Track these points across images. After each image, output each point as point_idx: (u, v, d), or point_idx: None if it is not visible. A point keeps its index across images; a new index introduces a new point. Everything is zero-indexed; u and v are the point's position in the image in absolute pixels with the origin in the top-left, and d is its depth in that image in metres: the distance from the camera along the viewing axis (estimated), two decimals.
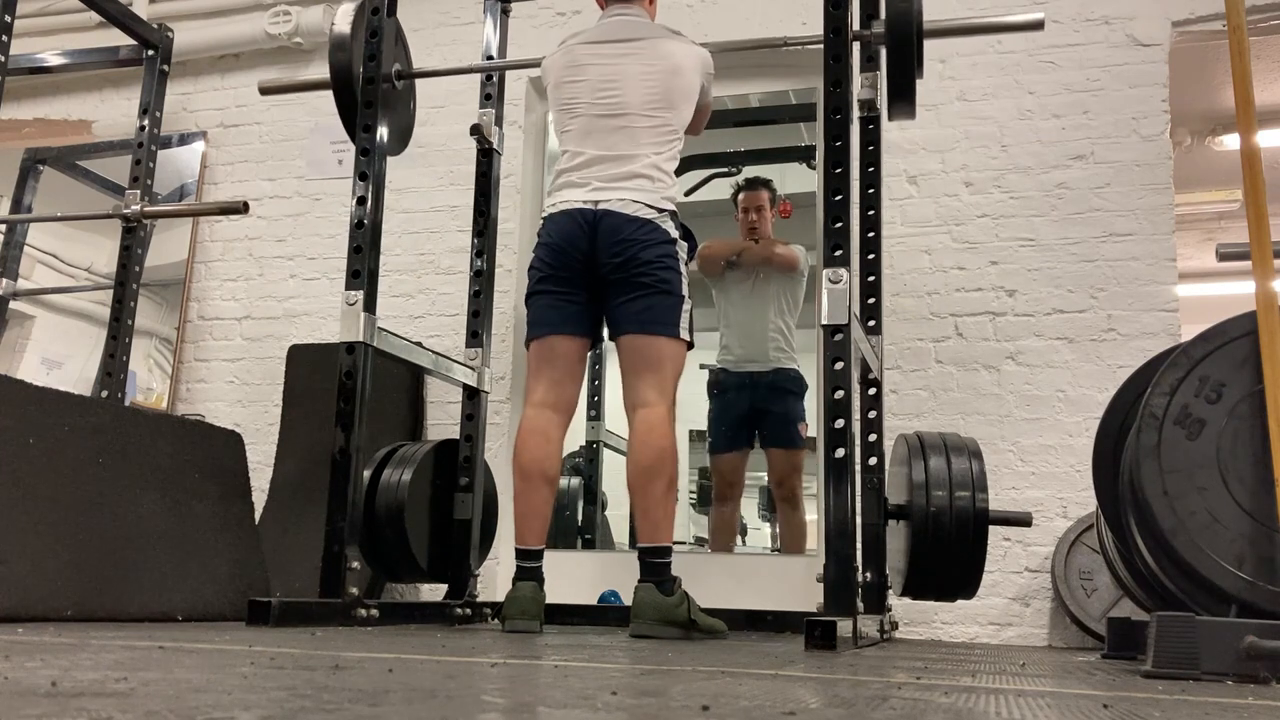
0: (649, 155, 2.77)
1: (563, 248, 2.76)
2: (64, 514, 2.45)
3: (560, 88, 2.90)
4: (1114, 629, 2.51)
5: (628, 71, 2.82)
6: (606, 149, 2.78)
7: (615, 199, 2.73)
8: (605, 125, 2.80)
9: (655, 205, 2.74)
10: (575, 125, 2.85)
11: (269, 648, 1.66)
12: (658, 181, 2.77)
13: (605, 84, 2.82)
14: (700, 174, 4.81)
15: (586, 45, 2.91)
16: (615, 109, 2.80)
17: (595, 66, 2.85)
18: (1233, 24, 2.13)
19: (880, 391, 2.95)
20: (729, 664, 1.69)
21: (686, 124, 2.87)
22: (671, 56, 2.83)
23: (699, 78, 2.86)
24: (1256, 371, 1.94)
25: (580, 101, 2.84)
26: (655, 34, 2.89)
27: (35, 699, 0.87)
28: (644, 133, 2.78)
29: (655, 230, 2.72)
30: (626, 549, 4.27)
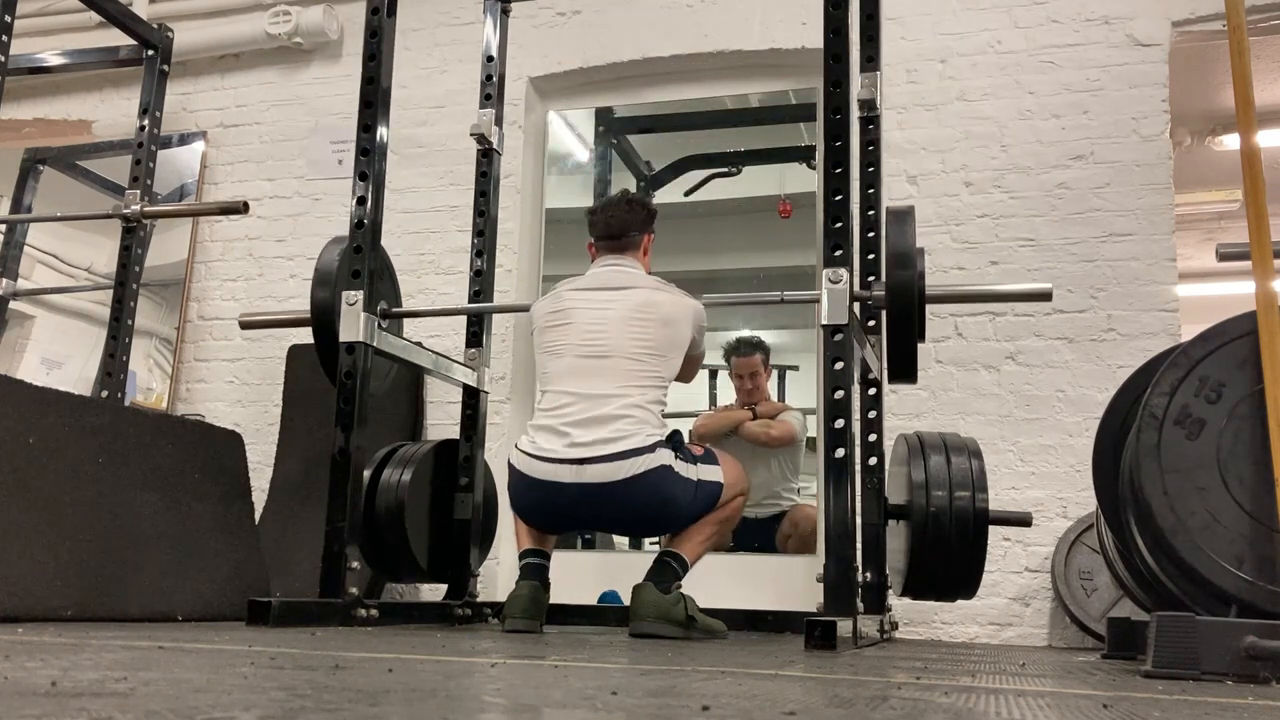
0: (632, 396, 2.65)
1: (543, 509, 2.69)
2: (64, 514, 2.45)
3: (545, 332, 2.81)
4: (1114, 629, 2.51)
5: (615, 317, 2.74)
6: (589, 389, 2.67)
7: (599, 452, 2.58)
8: (590, 367, 2.70)
9: (639, 448, 2.58)
10: (558, 367, 2.75)
11: (269, 648, 1.66)
12: (641, 422, 2.62)
13: (593, 327, 2.75)
14: (700, 174, 4.81)
15: (576, 292, 2.84)
16: (600, 351, 2.71)
17: (584, 311, 2.78)
18: (1233, 24, 2.13)
19: (880, 391, 2.95)
20: (729, 664, 1.69)
21: (675, 374, 2.78)
22: (663, 306, 2.76)
23: (690, 329, 2.78)
24: (1256, 371, 1.94)
25: (566, 344, 2.75)
26: (648, 284, 2.82)
27: (35, 699, 0.87)
28: (629, 375, 2.68)
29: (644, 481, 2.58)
30: (626, 549, 4.27)
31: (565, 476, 2.59)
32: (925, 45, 3.84)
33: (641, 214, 2.93)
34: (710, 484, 2.70)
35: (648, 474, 2.57)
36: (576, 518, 2.73)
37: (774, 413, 4.20)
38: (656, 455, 2.59)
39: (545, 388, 2.78)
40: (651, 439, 2.61)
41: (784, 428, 4.16)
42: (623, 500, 2.59)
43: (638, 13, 4.16)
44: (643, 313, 2.74)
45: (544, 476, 2.62)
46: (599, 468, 2.57)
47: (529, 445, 2.67)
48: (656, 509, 2.64)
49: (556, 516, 2.70)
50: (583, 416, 2.63)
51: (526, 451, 2.67)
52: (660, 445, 2.61)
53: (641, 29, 4.14)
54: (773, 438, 4.15)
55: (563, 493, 2.60)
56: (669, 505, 2.64)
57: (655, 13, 4.14)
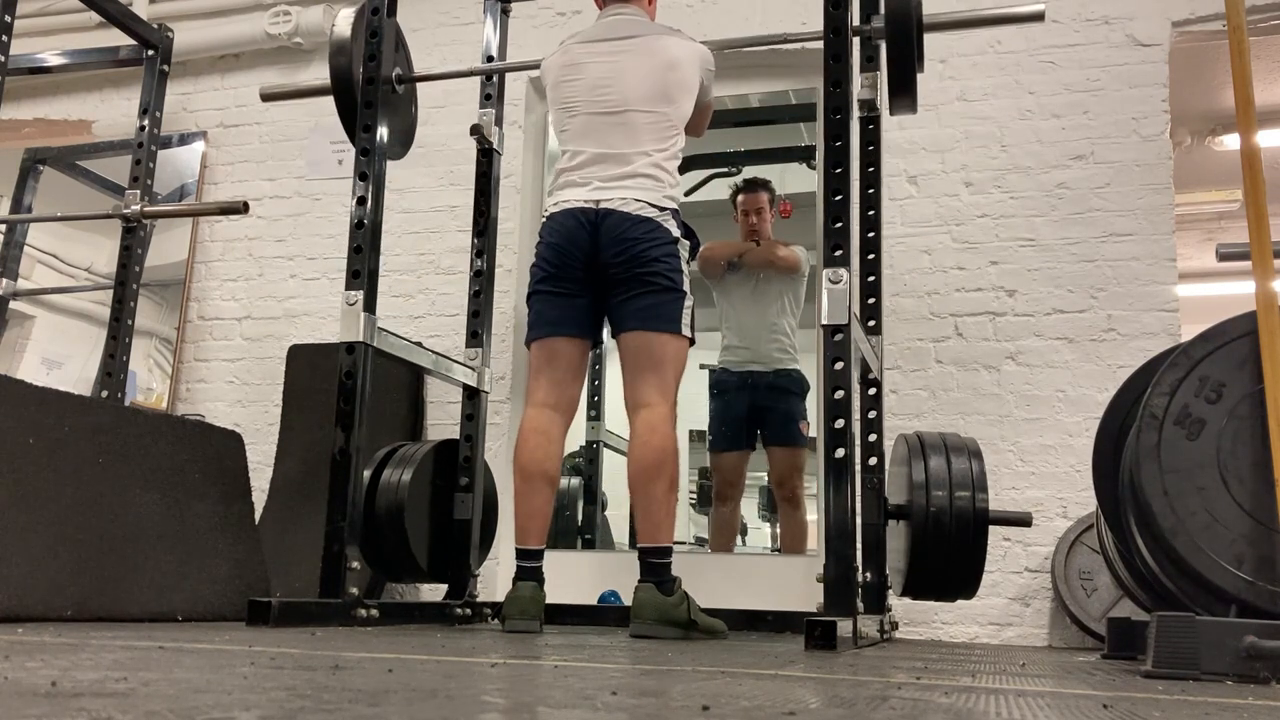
0: (650, 153, 2.77)
1: (564, 247, 2.76)
2: (64, 514, 2.45)
3: (558, 87, 2.90)
4: (1114, 629, 2.51)
5: (625, 68, 2.82)
6: (606, 147, 2.78)
7: (617, 198, 2.72)
8: (604, 123, 2.80)
9: (657, 204, 2.73)
10: (574, 124, 2.84)
11: (269, 648, 1.66)
12: (659, 180, 2.76)
13: (603, 82, 2.82)
14: (700, 174, 4.81)
15: (584, 45, 2.91)
16: (614, 106, 2.80)
17: (593, 65, 2.85)
18: (1233, 24, 2.13)
19: (880, 391, 2.95)
20: (729, 664, 1.69)
21: (686, 119, 2.85)
22: (669, 50, 2.83)
23: (698, 72, 2.85)
24: (1256, 371, 1.94)
25: (579, 100, 2.84)
26: (653, 31, 2.89)
27: (35, 699, 0.87)
28: (643, 129, 2.78)
29: (657, 229, 2.72)
30: (626, 549, 4.27)
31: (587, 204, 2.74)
32: (925, 45, 3.83)
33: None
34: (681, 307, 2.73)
35: (656, 226, 2.71)
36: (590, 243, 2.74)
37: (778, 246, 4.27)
38: (668, 224, 2.73)
39: (564, 145, 2.88)
40: (668, 202, 2.75)
41: (790, 252, 4.20)
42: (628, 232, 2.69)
43: None
44: (650, 60, 2.81)
45: (569, 207, 2.76)
46: (617, 201, 2.72)
47: (552, 204, 2.83)
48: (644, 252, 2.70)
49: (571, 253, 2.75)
50: (605, 173, 2.76)
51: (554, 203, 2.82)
52: (675, 216, 2.75)
53: None
54: (778, 257, 4.20)
55: (582, 216, 2.73)
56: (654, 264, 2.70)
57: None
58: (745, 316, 4.24)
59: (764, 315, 4.18)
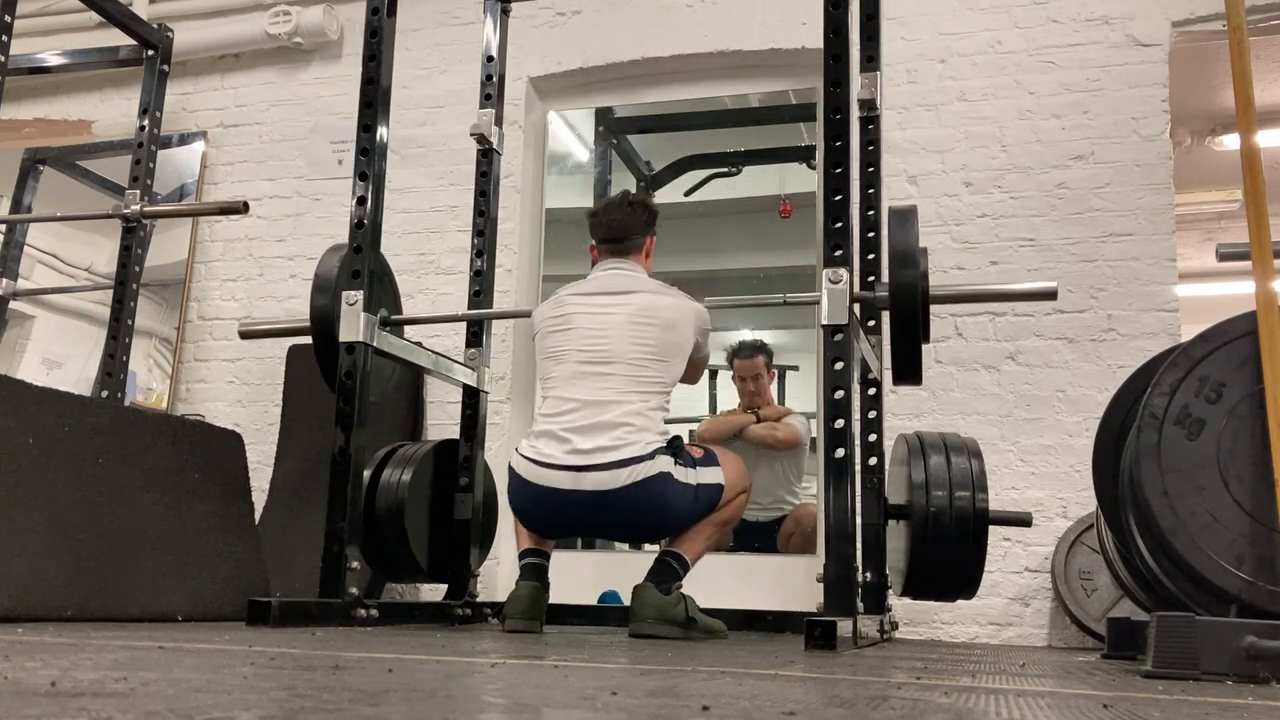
0: (633, 403, 2.65)
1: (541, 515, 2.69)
2: (64, 514, 2.45)
3: (547, 337, 2.81)
4: (1114, 629, 2.51)
5: (617, 322, 2.74)
6: (590, 395, 2.66)
7: (599, 460, 2.58)
8: (591, 372, 2.70)
9: (638, 456, 2.58)
10: (560, 372, 2.74)
11: (269, 648, 1.66)
12: (641, 430, 2.62)
13: (594, 333, 2.74)
14: (700, 174, 4.81)
15: (578, 296, 2.83)
16: (602, 357, 2.70)
17: (585, 315, 2.77)
18: (1233, 24, 2.13)
19: (880, 391, 2.95)
20: (729, 664, 1.69)
21: (678, 379, 2.78)
22: (665, 311, 2.75)
23: (693, 334, 2.78)
24: (1256, 371, 1.94)
25: (568, 349, 2.75)
26: (649, 288, 2.82)
27: (35, 699, 0.87)
28: (631, 382, 2.67)
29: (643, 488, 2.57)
30: (626, 549, 4.27)
31: (564, 483, 2.59)
32: (925, 45, 3.85)
33: (643, 216, 2.92)
34: (710, 486, 2.70)
35: (646, 481, 2.57)
36: (575, 524, 2.73)
37: (778, 416, 4.19)
38: (656, 462, 2.58)
39: (547, 393, 2.77)
40: (651, 446, 2.60)
41: (789, 431, 4.15)
42: (621, 507, 2.58)
43: (638, 13, 4.16)
44: (645, 317, 2.73)
45: (543, 483, 2.62)
46: (598, 475, 2.57)
47: (529, 450, 2.67)
48: (655, 516, 2.64)
49: (555, 522, 2.70)
50: (584, 423, 2.62)
51: (527, 456, 2.66)
52: (660, 452, 2.61)
53: (642, 29, 4.14)
54: (779, 440, 4.14)
55: (562, 499, 2.60)
56: (667, 512, 2.64)
57: (655, 13, 4.14)
58: None
59: (768, 478, 4.10)
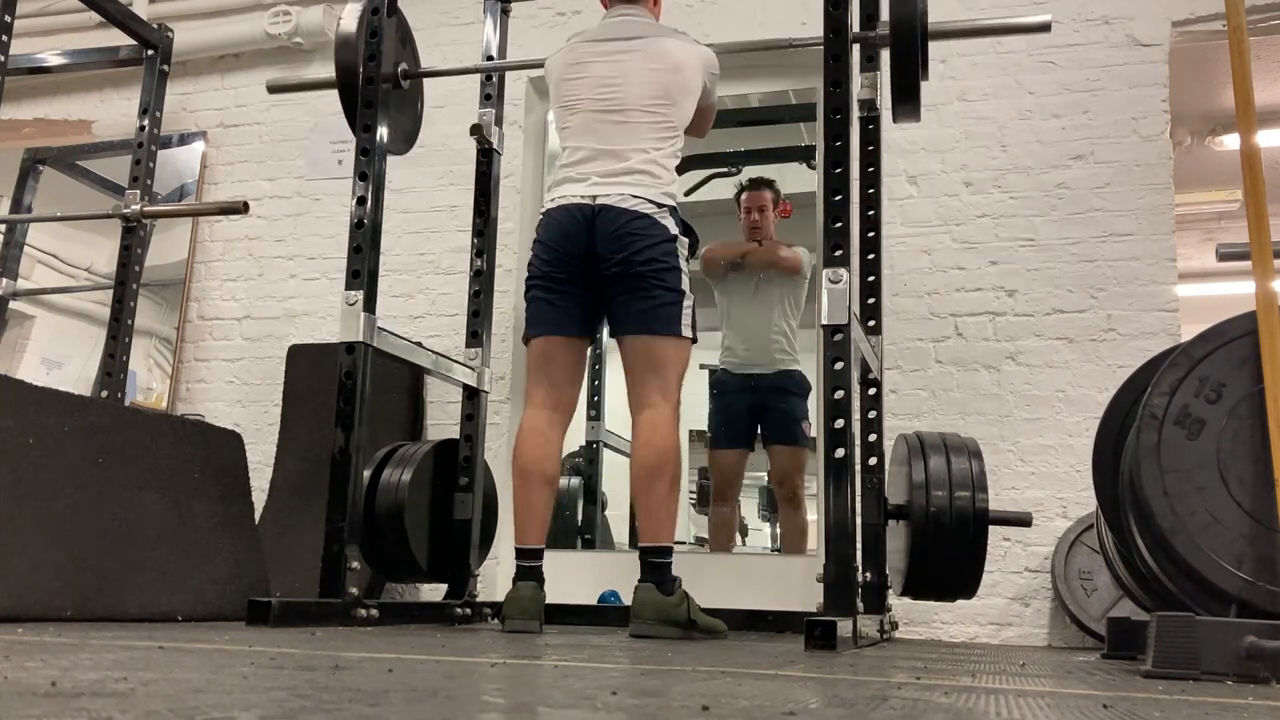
0: (648, 150, 2.76)
1: (560, 244, 2.75)
2: (64, 514, 2.45)
3: (561, 85, 2.90)
4: (1114, 629, 2.51)
5: (629, 68, 2.82)
6: (605, 144, 2.78)
7: (614, 194, 2.72)
8: (605, 121, 2.80)
9: (654, 200, 2.72)
10: (575, 121, 2.85)
11: (269, 648, 1.66)
12: (657, 177, 2.75)
13: (606, 81, 2.83)
14: (700, 174, 4.81)
15: (589, 44, 2.91)
16: (615, 105, 2.80)
17: (597, 64, 2.86)
18: (1233, 24, 2.13)
19: (880, 391, 2.95)
20: (729, 664, 1.69)
21: (688, 121, 2.86)
22: (673, 54, 2.83)
23: (701, 75, 2.85)
24: (1256, 371, 1.94)
25: (581, 98, 2.85)
26: (658, 33, 2.90)
27: (35, 699, 0.87)
28: (643, 128, 2.78)
29: (654, 226, 2.71)
30: (626, 549, 4.28)
31: (582, 199, 2.73)
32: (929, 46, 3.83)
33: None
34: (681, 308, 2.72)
35: (653, 222, 2.69)
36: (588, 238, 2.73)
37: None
38: (665, 221, 2.71)
39: (565, 142, 2.88)
40: (667, 199, 2.74)
41: (792, 253, 4.20)
42: (625, 228, 2.68)
43: None
44: (654, 61, 2.82)
45: (565, 203, 2.76)
46: (615, 197, 2.71)
47: (553, 195, 2.82)
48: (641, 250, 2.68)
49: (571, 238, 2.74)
50: (603, 169, 2.76)
51: (552, 199, 2.81)
52: (672, 213, 2.74)
53: None
54: (781, 258, 4.20)
55: (579, 211, 2.72)
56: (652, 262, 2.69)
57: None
58: (746, 317, 4.23)
59: (765, 316, 4.18)
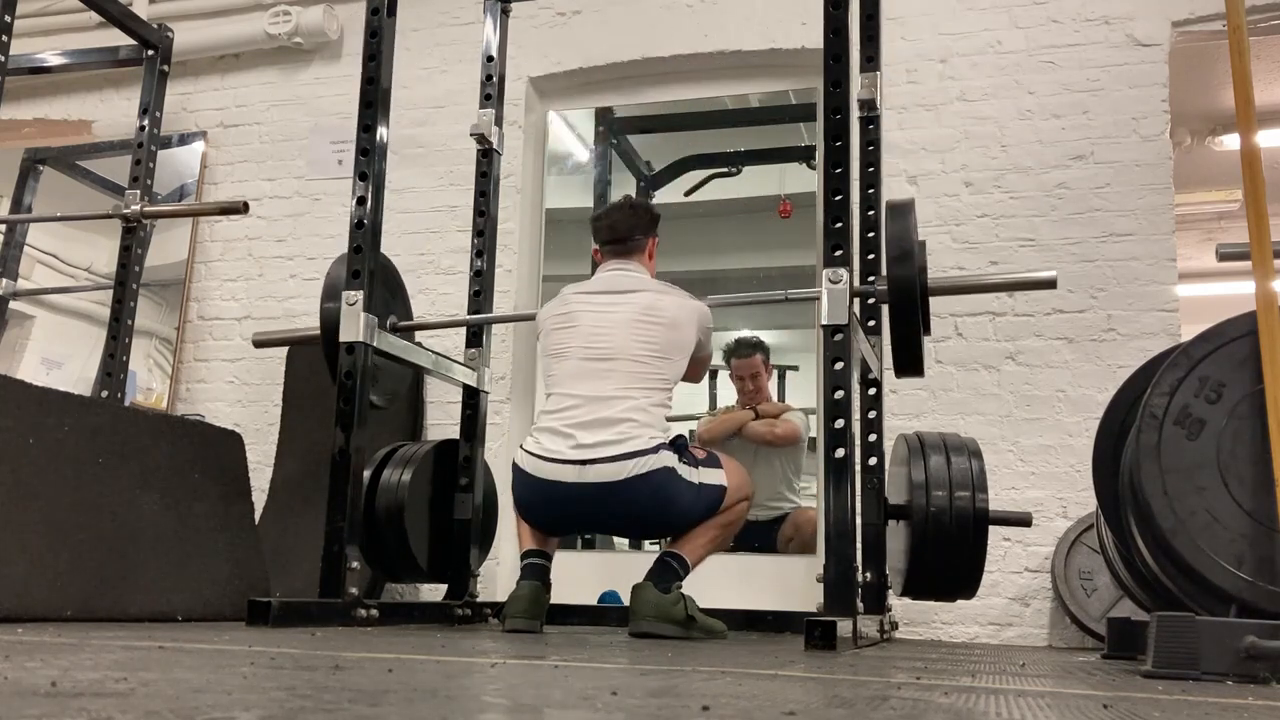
0: (636, 398, 2.67)
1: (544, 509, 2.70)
2: (64, 514, 2.45)
3: (551, 334, 2.84)
4: (1114, 629, 2.51)
5: (620, 319, 2.76)
6: (592, 391, 2.69)
7: (602, 454, 2.59)
8: (594, 369, 2.72)
9: (643, 449, 2.60)
10: (562, 369, 2.77)
11: (269, 648, 1.66)
12: (645, 425, 2.64)
13: (597, 330, 2.77)
14: (700, 174, 4.81)
15: (581, 295, 2.87)
16: (605, 354, 2.73)
17: (588, 314, 2.80)
18: (1233, 24, 2.13)
19: (880, 391, 2.95)
20: (729, 664, 1.69)
21: (680, 376, 2.80)
22: (668, 310, 2.78)
23: (695, 331, 2.80)
24: (1256, 371, 1.94)
25: (571, 347, 2.78)
26: (653, 288, 2.85)
27: (35, 699, 0.87)
28: (633, 378, 2.70)
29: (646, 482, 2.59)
30: (627, 549, 4.27)
31: (568, 476, 2.61)
32: (925, 45, 3.85)
33: (645, 218, 2.97)
34: (712, 487, 2.70)
35: (650, 474, 2.58)
36: (579, 518, 2.74)
37: (776, 413, 4.19)
38: (659, 457, 2.60)
39: (550, 390, 2.80)
40: (654, 441, 2.62)
41: (788, 427, 4.16)
42: (624, 501, 2.59)
43: (638, 13, 4.16)
44: (647, 316, 2.76)
45: (547, 476, 2.64)
46: (601, 468, 2.59)
47: (533, 446, 2.69)
48: (658, 510, 2.64)
49: (559, 517, 2.71)
50: (587, 419, 2.64)
51: (531, 452, 2.69)
52: (664, 447, 2.62)
53: (641, 29, 4.14)
54: (777, 436, 4.14)
55: (565, 493, 2.62)
56: (670, 507, 2.64)
57: (655, 13, 4.14)
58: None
59: (767, 478, 4.09)
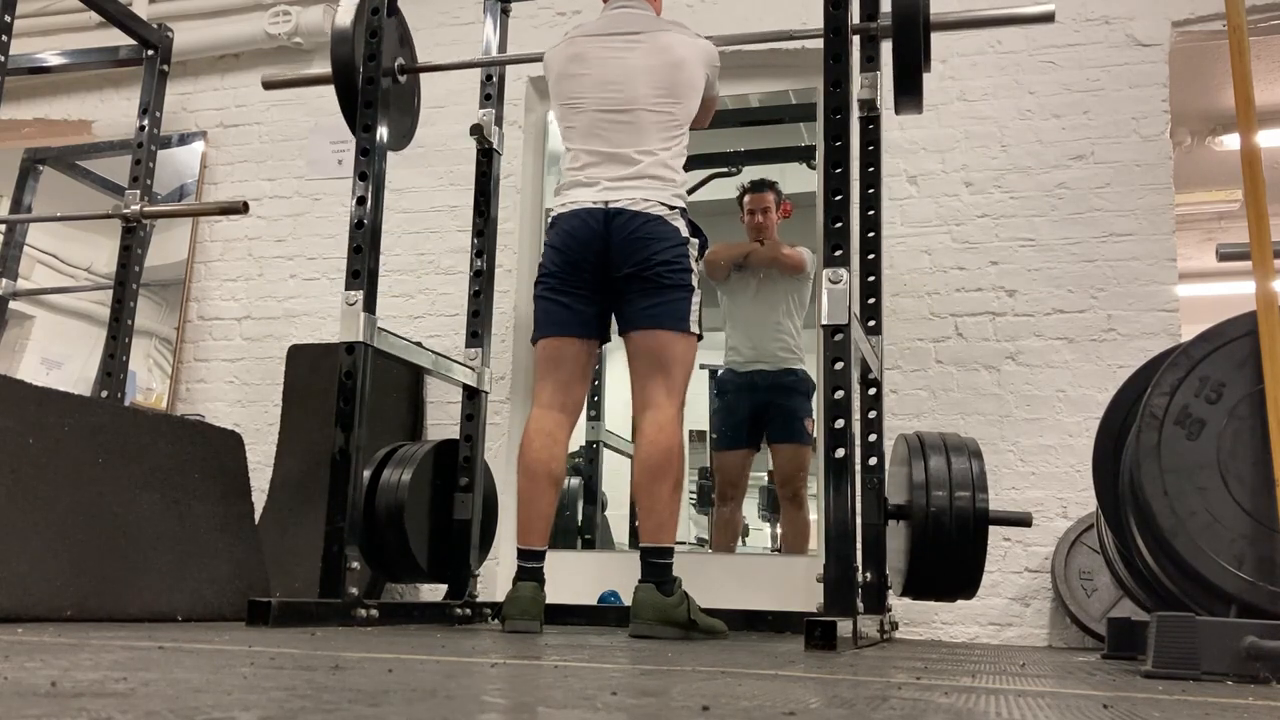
0: (656, 152, 2.76)
1: (573, 248, 2.75)
2: (64, 514, 2.45)
3: (562, 81, 2.88)
4: (1114, 629, 2.51)
5: (632, 65, 2.81)
6: (613, 146, 2.78)
7: (626, 198, 2.72)
8: (611, 121, 2.79)
9: (666, 203, 2.74)
10: (580, 122, 2.83)
11: (269, 648, 1.66)
12: (667, 180, 2.76)
13: (610, 79, 2.81)
14: (700, 174, 4.81)
15: (590, 38, 2.89)
16: (621, 104, 2.79)
17: (599, 60, 2.84)
18: (1233, 24, 2.13)
19: (880, 391, 2.94)
20: (729, 664, 1.69)
21: (692, 117, 2.86)
22: (675, 49, 2.83)
23: (704, 69, 2.86)
24: (1256, 371, 1.94)
25: (585, 97, 2.83)
26: (660, 27, 2.89)
27: (35, 699, 0.87)
28: (651, 129, 2.78)
29: (667, 229, 2.72)
30: (626, 549, 4.28)
31: (596, 205, 2.74)
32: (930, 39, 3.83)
33: None
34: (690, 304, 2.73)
35: (666, 225, 2.72)
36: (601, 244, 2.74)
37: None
38: (677, 222, 2.73)
39: (570, 144, 2.86)
40: (677, 200, 2.75)
41: (795, 252, 4.21)
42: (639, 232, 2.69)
43: None
44: (657, 58, 2.81)
45: (577, 208, 2.76)
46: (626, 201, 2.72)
47: (562, 199, 2.81)
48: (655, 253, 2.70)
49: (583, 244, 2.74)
50: (611, 175, 2.75)
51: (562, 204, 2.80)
52: (684, 215, 2.76)
53: None
54: (784, 256, 4.21)
55: (591, 215, 2.73)
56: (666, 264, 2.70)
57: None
58: (750, 316, 4.24)
59: (769, 315, 4.18)
